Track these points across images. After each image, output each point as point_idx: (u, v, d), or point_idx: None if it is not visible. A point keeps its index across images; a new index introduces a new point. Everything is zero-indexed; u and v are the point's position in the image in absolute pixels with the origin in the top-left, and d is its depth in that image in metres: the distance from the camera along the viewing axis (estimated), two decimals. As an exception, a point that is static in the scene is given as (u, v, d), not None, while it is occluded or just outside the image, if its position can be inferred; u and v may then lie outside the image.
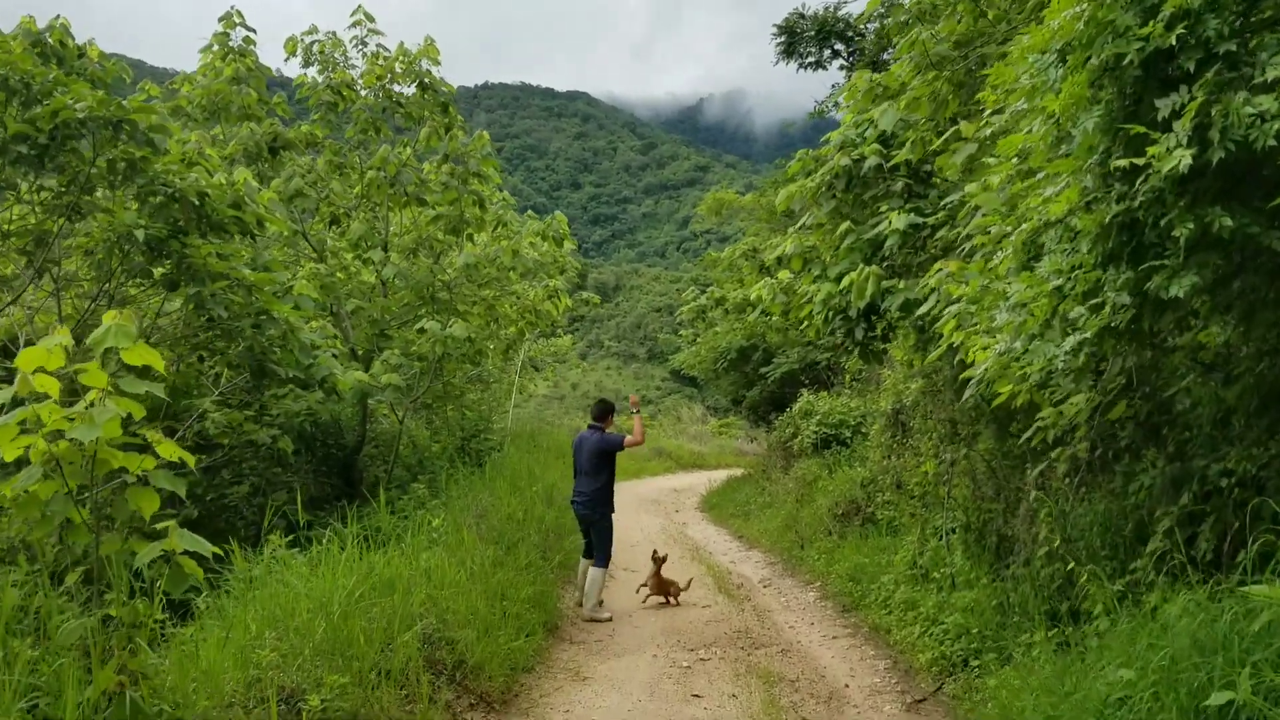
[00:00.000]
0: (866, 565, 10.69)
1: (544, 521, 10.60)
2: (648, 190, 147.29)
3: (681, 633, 8.71)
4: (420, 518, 8.45)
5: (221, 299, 7.38)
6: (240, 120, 11.93)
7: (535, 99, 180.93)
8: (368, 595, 5.70)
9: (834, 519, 13.19)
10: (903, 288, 8.18)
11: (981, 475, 9.30)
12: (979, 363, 4.98)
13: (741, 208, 24.39)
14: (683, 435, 38.04)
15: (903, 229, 8.11)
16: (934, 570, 9.59)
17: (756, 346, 21.20)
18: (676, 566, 12.73)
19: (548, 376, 28.29)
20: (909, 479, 12.34)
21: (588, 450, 9.98)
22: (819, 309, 9.05)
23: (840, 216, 9.13)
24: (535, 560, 9.06)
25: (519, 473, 11.84)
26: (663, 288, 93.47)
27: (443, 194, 12.10)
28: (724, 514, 19.12)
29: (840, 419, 16.43)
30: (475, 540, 8.03)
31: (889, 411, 13.74)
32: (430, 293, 12.01)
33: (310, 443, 11.94)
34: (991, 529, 9.00)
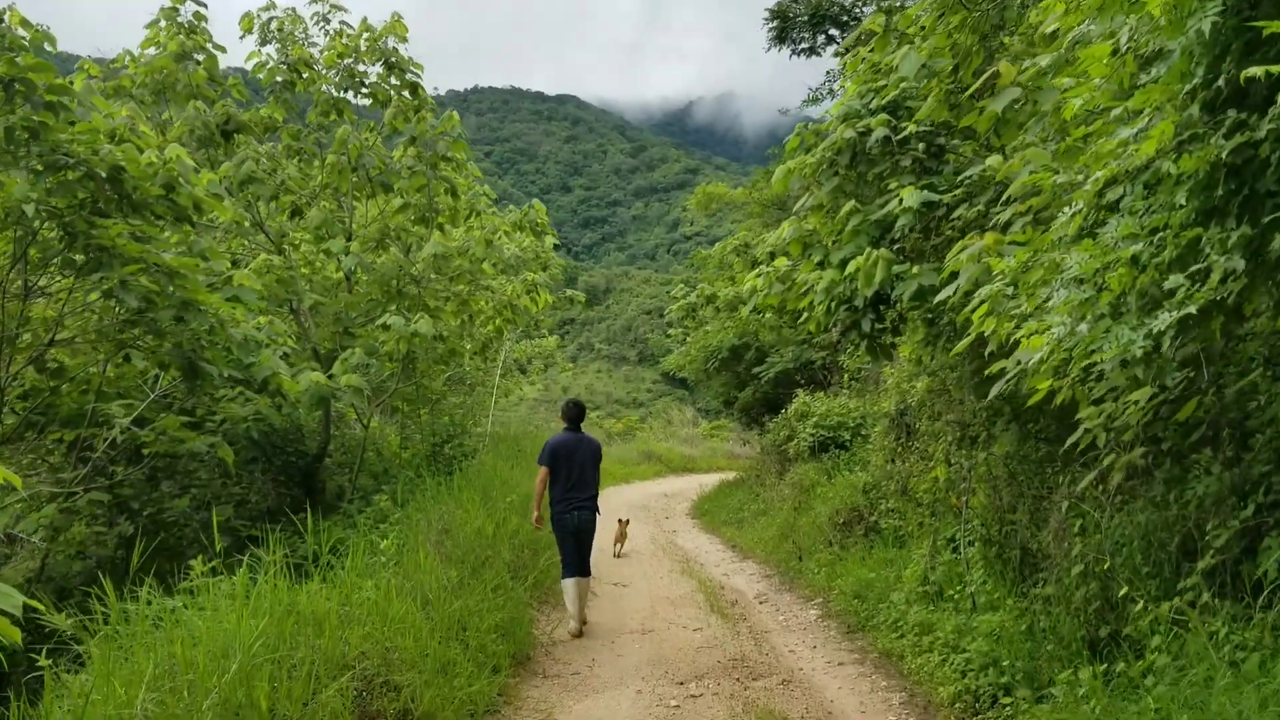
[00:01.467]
0: (873, 581, 9.77)
1: (518, 536, 9.64)
2: (637, 193, 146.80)
3: (669, 662, 7.77)
4: (366, 539, 7.48)
5: (136, 287, 6.41)
6: (187, 100, 10.95)
7: (525, 102, 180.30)
8: (288, 636, 4.75)
9: (835, 528, 12.27)
10: (916, 273, 7.25)
11: (1002, 482, 8.38)
12: (1030, 351, 4.04)
13: (732, 202, 23.48)
14: (673, 438, 37.09)
15: (916, 207, 7.18)
16: (949, 588, 8.67)
17: (749, 345, 20.27)
18: (666, 579, 11.80)
19: (533, 379, 27.30)
20: (916, 486, 11.43)
21: (588, 455, 9.37)
22: (820, 299, 8.12)
23: (844, 196, 8.21)
24: (505, 581, 8.09)
25: (494, 481, 10.88)
26: (653, 290, 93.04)
27: (409, 180, 11.15)
28: (716, 521, 18.18)
29: (838, 421, 15.51)
30: (434, 561, 7.07)
31: (892, 413, 12.83)
32: (397, 287, 11.06)
33: (266, 451, 10.98)
34: (1014, 542, 8.09)
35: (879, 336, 8.17)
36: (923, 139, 7.93)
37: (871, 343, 8.19)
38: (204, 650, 4.23)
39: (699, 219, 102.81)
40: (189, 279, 6.74)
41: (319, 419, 11.66)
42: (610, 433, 40.09)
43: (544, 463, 9.18)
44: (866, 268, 7.42)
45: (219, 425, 8.87)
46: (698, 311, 22.98)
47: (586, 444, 9.44)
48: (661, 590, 10.96)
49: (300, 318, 11.50)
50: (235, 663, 4.11)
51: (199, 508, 9.34)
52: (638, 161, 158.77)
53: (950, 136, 8.31)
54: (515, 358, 24.27)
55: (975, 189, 7.36)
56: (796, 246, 8.40)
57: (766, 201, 20.65)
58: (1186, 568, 6.10)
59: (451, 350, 12.32)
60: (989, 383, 8.21)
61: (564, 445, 9.28)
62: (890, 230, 7.81)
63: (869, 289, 7.53)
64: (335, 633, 5.05)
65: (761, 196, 20.88)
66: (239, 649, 4.25)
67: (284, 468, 11.17)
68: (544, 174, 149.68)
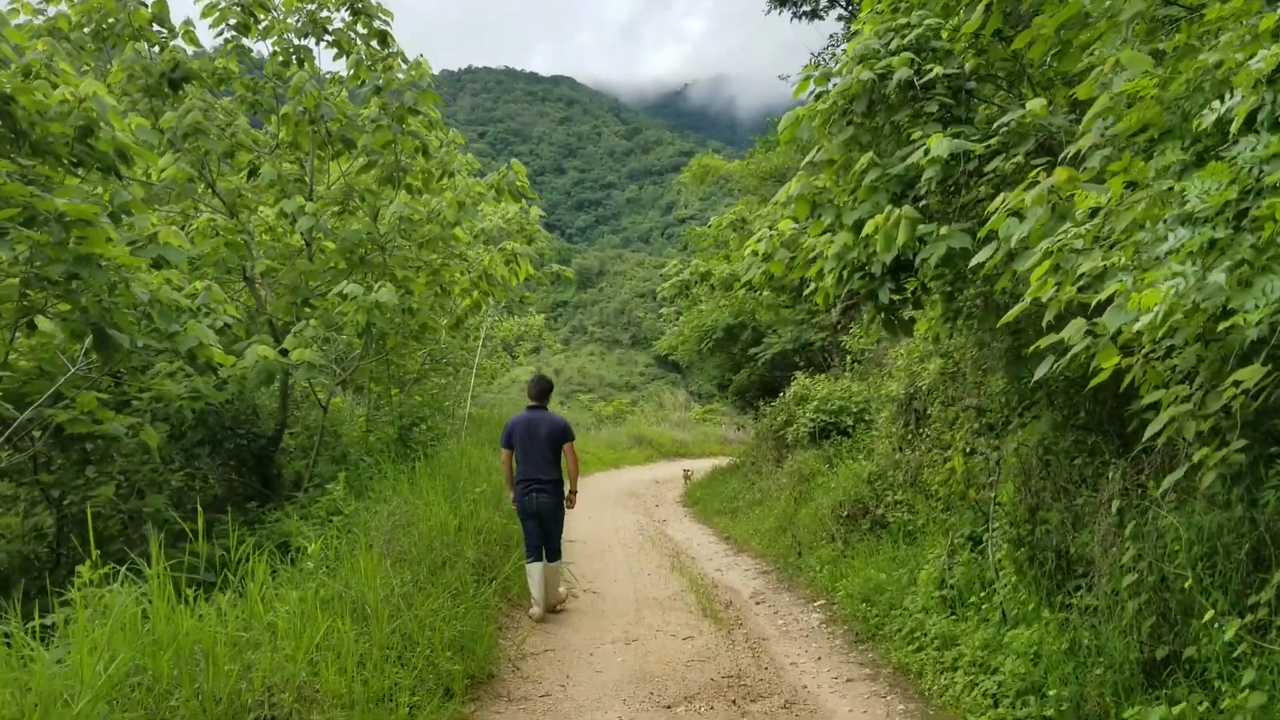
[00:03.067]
0: (883, 583, 8.79)
1: (488, 531, 8.61)
2: (632, 175, 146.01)
3: (656, 679, 6.78)
4: (299, 537, 6.46)
5: (18, 236, 5.36)
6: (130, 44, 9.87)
7: (519, 83, 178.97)
8: (164, 675, 3.74)
9: (837, 521, 11.29)
10: (945, 233, 6.23)
11: (1034, 476, 7.39)
12: (1144, 310, 3.01)
13: (728, 175, 22.40)
14: (665, 422, 36.14)
15: (945, 157, 6.15)
16: (971, 594, 7.70)
17: (745, 325, 19.24)
18: (654, 576, 10.82)
19: (521, 360, 26.26)
20: (929, 477, 10.45)
21: (546, 433, 8.92)
22: (831, 265, 7.08)
23: (860, 148, 7.19)
24: (467, 585, 7.07)
25: (464, 469, 9.85)
26: (646, 273, 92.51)
27: (374, 135, 10.09)
28: (709, 510, 17.21)
29: (840, 405, 14.51)
30: (379, 565, 6.05)
31: (901, 397, 11.84)
32: (360, 254, 10.01)
33: (215, 433, 9.96)
34: (1047, 544, 7.12)
35: (898, 309, 7.15)
36: (950, 82, 6.91)
37: (889, 316, 7.18)
38: (35, 700, 3.21)
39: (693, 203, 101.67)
40: (91, 231, 5.70)
41: (277, 398, 10.65)
42: (601, 416, 39.13)
43: (504, 444, 8.99)
44: (886, 228, 6.39)
45: (148, 404, 7.84)
46: (691, 289, 21.94)
47: (548, 422, 8.97)
48: (649, 590, 9.98)
49: (254, 286, 10.45)
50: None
51: (130, 496, 8.32)
52: (632, 144, 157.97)
53: (983, 82, 7.30)
54: (501, 337, 23.21)
55: (1012, 139, 6.33)
56: (804, 206, 7.35)
57: (764, 174, 19.61)
58: (1258, 579, 5.17)
59: (424, 325, 11.27)
60: (1025, 362, 7.24)
61: (522, 424, 8.96)
62: (913, 187, 6.79)
63: (888, 253, 6.51)
64: (231, 665, 4.05)
65: (759, 169, 19.83)
66: (85, 691, 3.25)
67: (235, 452, 10.15)
68: (538, 155, 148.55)
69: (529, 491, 8.75)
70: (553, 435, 8.93)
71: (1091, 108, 3.91)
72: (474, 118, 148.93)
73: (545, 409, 9.21)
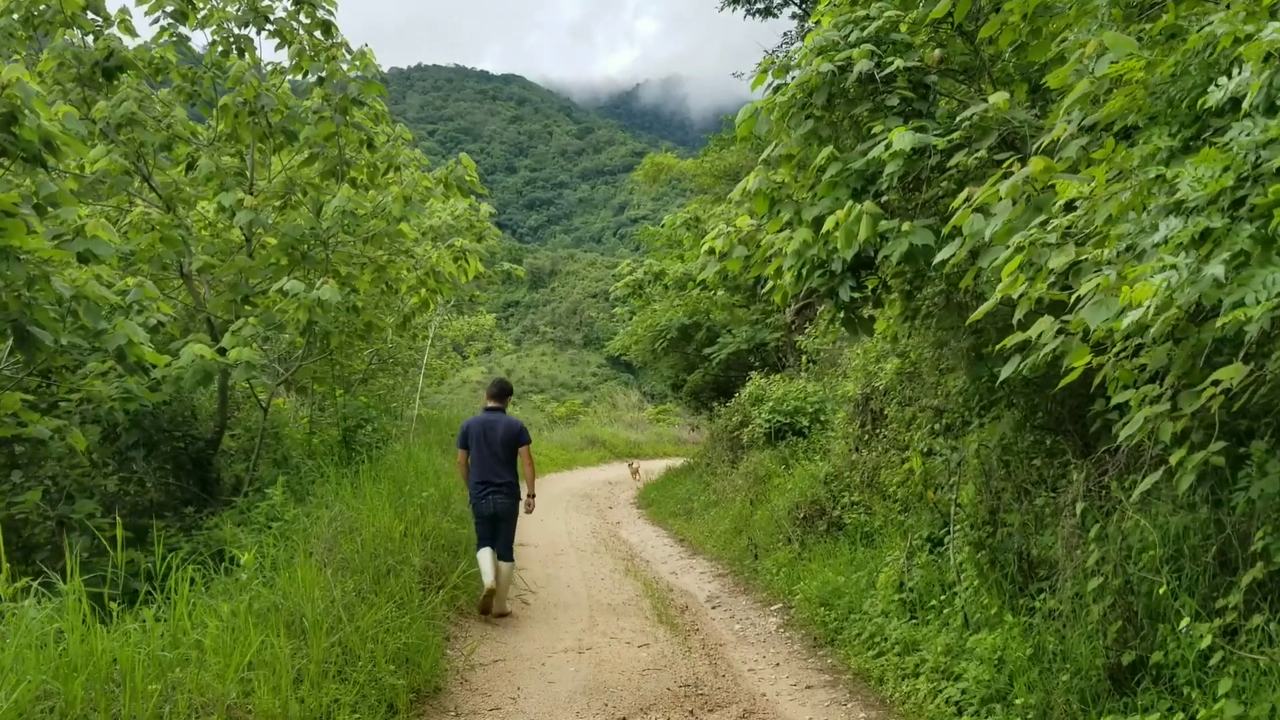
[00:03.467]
0: (841, 586, 8.62)
1: (436, 536, 8.31)
2: (584, 175, 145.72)
3: (610, 689, 6.54)
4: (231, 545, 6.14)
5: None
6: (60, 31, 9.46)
7: (470, 81, 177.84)
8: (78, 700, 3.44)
9: (794, 523, 11.13)
10: (907, 230, 6.06)
11: (995, 477, 7.26)
12: (1134, 304, 2.82)
13: (682, 174, 22.22)
14: (618, 423, 35.90)
15: (907, 151, 5.99)
16: (930, 597, 7.55)
17: (699, 325, 19.07)
18: (608, 581, 10.59)
19: (472, 360, 25.89)
20: (886, 478, 10.33)
21: (503, 435, 8.92)
22: (790, 263, 6.90)
23: (819, 142, 7.01)
24: (413, 593, 6.77)
25: (410, 472, 9.53)
26: (599, 273, 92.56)
27: (317, 127, 9.75)
28: (663, 512, 16.99)
29: (796, 405, 14.37)
30: (319, 576, 5.75)
31: (857, 397, 11.72)
32: (302, 249, 9.66)
33: (151, 435, 9.57)
34: (1009, 547, 6.99)
35: (858, 308, 6.98)
36: (911, 75, 6.76)
37: (850, 315, 7.00)
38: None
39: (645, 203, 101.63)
40: (10, 222, 5.35)
41: (215, 399, 10.27)
42: (553, 417, 38.81)
43: (459, 445, 9.02)
44: (847, 224, 6.22)
45: (76, 406, 7.46)
46: (644, 289, 21.74)
47: (504, 424, 8.97)
48: (602, 595, 9.74)
49: (191, 283, 10.06)
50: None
51: (58, 502, 7.93)
52: (584, 144, 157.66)
53: (944, 76, 7.16)
54: (451, 337, 22.82)
55: (975, 133, 6.20)
56: (762, 202, 7.15)
57: (719, 172, 19.44)
58: (1225, 582, 5.06)
59: (369, 324, 10.95)
60: (986, 361, 7.11)
61: (479, 425, 8.97)
62: (874, 182, 6.63)
63: (849, 250, 6.34)
64: (155, 685, 3.75)
65: (713, 167, 19.66)
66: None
67: (172, 455, 9.77)
68: (488, 154, 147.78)
69: (485, 494, 8.71)
70: (509, 438, 8.90)
71: (1070, 93, 3.73)
72: (423, 116, 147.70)
73: (503, 411, 9.19)
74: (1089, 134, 3.70)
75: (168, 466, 9.68)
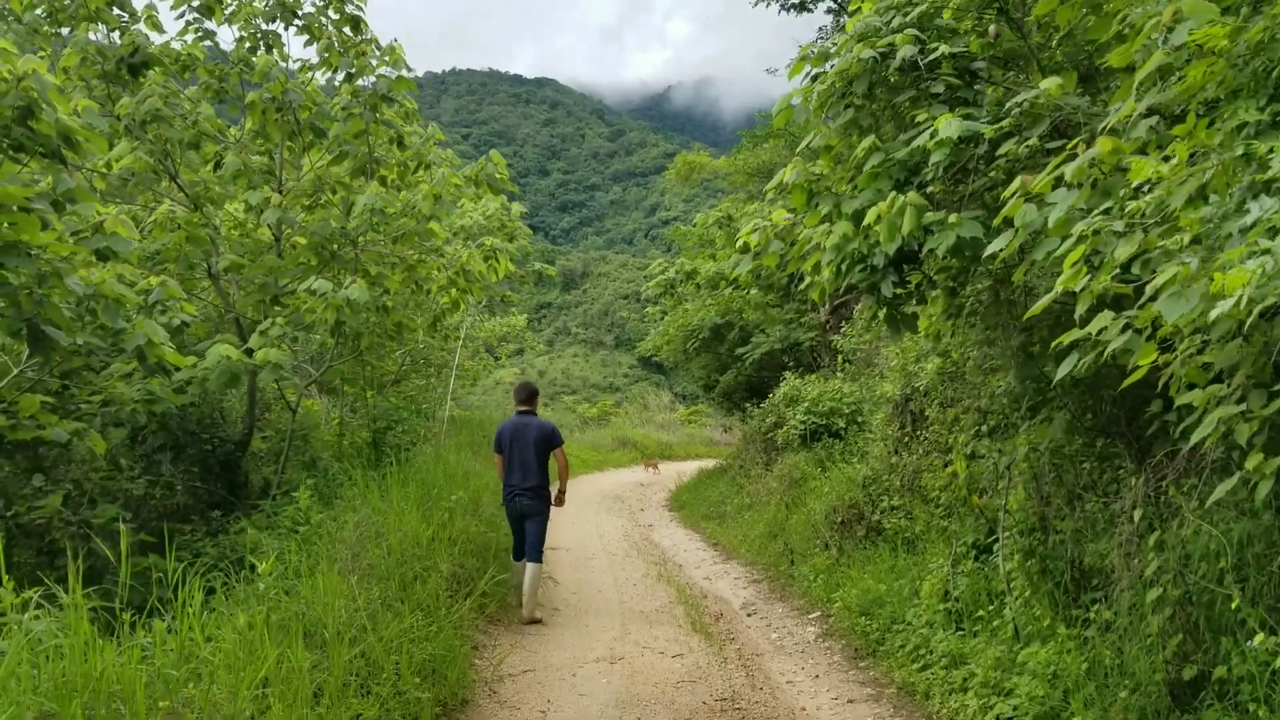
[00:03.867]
0: (882, 595, 8.34)
1: (465, 541, 8.10)
2: (615, 177, 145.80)
3: (644, 702, 6.29)
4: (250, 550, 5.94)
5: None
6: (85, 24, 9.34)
7: (503, 85, 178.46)
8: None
9: (831, 528, 10.83)
10: (954, 222, 5.78)
11: (1047, 481, 6.95)
12: (1226, 293, 2.54)
13: (715, 172, 21.93)
14: (649, 424, 35.67)
15: (955, 139, 5.71)
16: (978, 607, 7.25)
17: (732, 324, 18.77)
18: (640, 587, 10.35)
19: (504, 362, 25.74)
20: (927, 481, 10.02)
21: (534, 439, 9.06)
22: (830, 257, 6.61)
23: (859, 132, 6.74)
24: (440, 601, 6.55)
25: (442, 474, 9.34)
26: (630, 275, 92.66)
27: (346, 125, 9.58)
28: (695, 515, 16.74)
29: (832, 406, 14.06)
30: (341, 583, 5.55)
31: (896, 398, 11.41)
32: (331, 249, 9.50)
33: (178, 438, 9.44)
34: (1061, 555, 6.69)
35: (901, 304, 6.70)
36: (956, 61, 6.48)
37: (892, 311, 6.71)
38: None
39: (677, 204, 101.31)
40: (22, 217, 5.19)
41: (244, 400, 10.13)
42: (584, 418, 38.64)
43: (496, 449, 9.24)
44: (890, 216, 5.94)
45: (98, 408, 7.32)
46: (676, 289, 21.46)
47: (533, 427, 9.13)
48: (635, 601, 9.50)
49: (219, 283, 9.93)
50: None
51: (80, 506, 7.78)
52: (616, 146, 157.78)
53: (991, 64, 6.86)
54: (484, 338, 22.66)
55: (1025, 121, 5.91)
56: (800, 195, 6.88)
57: (751, 170, 19.15)
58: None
59: (400, 324, 10.77)
60: (1037, 360, 6.81)
61: (509, 429, 9.16)
62: (917, 173, 6.36)
63: (892, 244, 6.05)
64: (165, 702, 3.54)
65: (746, 165, 19.37)
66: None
67: (199, 458, 9.63)
68: (521, 157, 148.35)
69: (513, 496, 8.90)
70: (541, 440, 9.05)
71: (1141, 68, 3.44)
72: (458, 120, 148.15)
73: (534, 413, 9.37)
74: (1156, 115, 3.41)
75: (194, 469, 9.54)
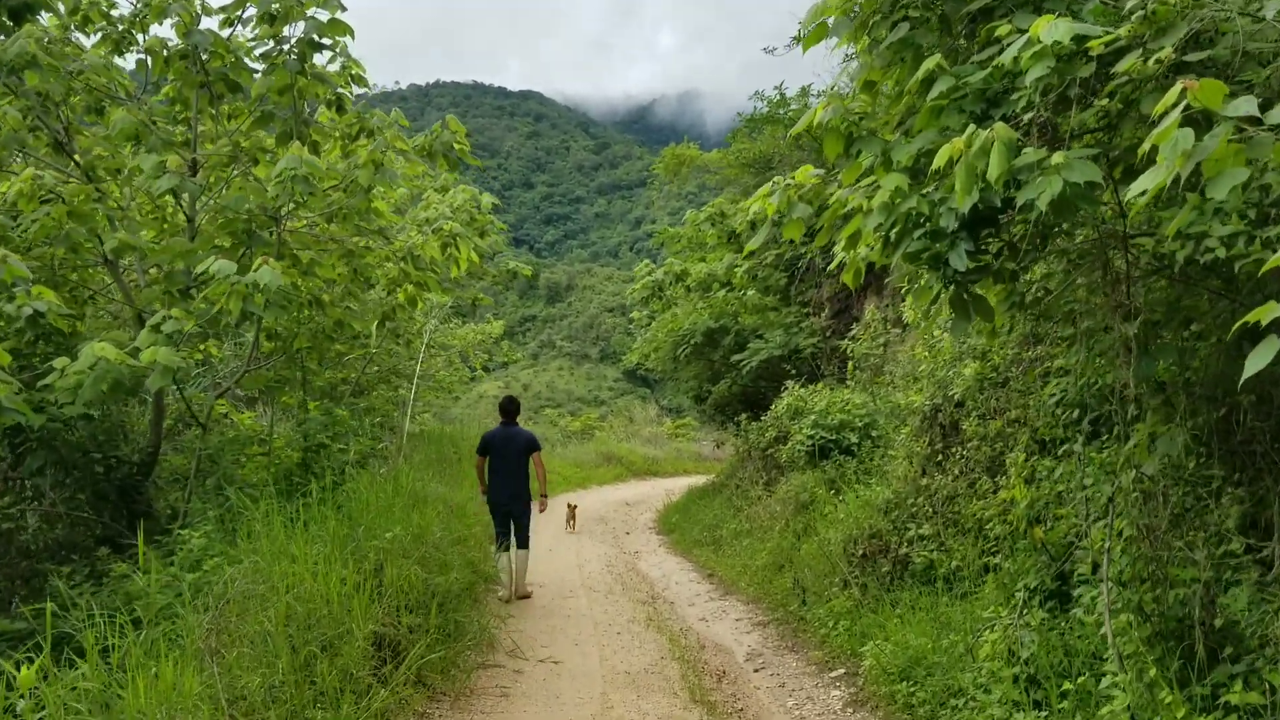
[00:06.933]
0: (925, 651, 6.68)
1: (400, 592, 6.27)
2: (600, 190, 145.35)
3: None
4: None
5: None
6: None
7: (487, 98, 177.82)
8: None
9: (850, 561, 9.18)
10: (1060, 162, 4.12)
11: (1159, 514, 5.29)
12: None
13: (706, 166, 20.30)
14: (635, 438, 33.96)
15: (1068, 43, 4.07)
16: (1061, 677, 5.60)
17: (727, 329, 17.08)
18: (625, 635, 8.66)
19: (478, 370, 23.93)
20: (969, 508, 8.37)
21: (520, 448, 10.35)
22: (876, 220, 4.93)
23: (915, 56, 5.12)
24: (360, 677, 4.83)
25: (384, 500, 7.60)
26: (615, 287, 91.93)
27: (269, 79, 7.90)
28: (687, 539, 15.06)
29: (842, 419, 12.42)
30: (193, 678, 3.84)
31: (925, 409, 9.77)
32: (247, 227, 7.80)
33: (61, 456, 7.74)
34: (1181, 614, 5.07)
35: (974, 280, 5.03)
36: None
37: (960, 292, 5.04)
38: None
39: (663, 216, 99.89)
40: None
41: (147, 413, 8.43)
42: (567, 431, 36.90)
43: (480, 452, 10.39)
44: (970, 158, 4.27)
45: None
46: (665, 291, 19.79)
47: (518, 438, 10.41)
48: (619, 657, 7.79)
49: (116, 270, 8.22)
50: None
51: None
52: (601, 158, 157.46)
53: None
54: (458, 345, 20.90)
55: (1150, 29, 4.27)
56: (835, 141, 5.20)
57: (746, 161, 17.52)
58: None
59: (338, 322, 9.07)
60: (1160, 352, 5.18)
61: (496, 438, 10.38)
62: (999, 104, 4.71)
63: (969, 197, 4.38)
64: None
65: (741, 156, 17.75)
66: None
67: (89, 482, 7.91)
68: (506, 170, 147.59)
69: (502, 496, 10.17)
70: (525, 448, 10.35)
71: None
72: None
73: (517, 424, 10.66)
74: None
75: (81, 496, 7.82)
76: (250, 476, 8.28)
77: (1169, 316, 5.18)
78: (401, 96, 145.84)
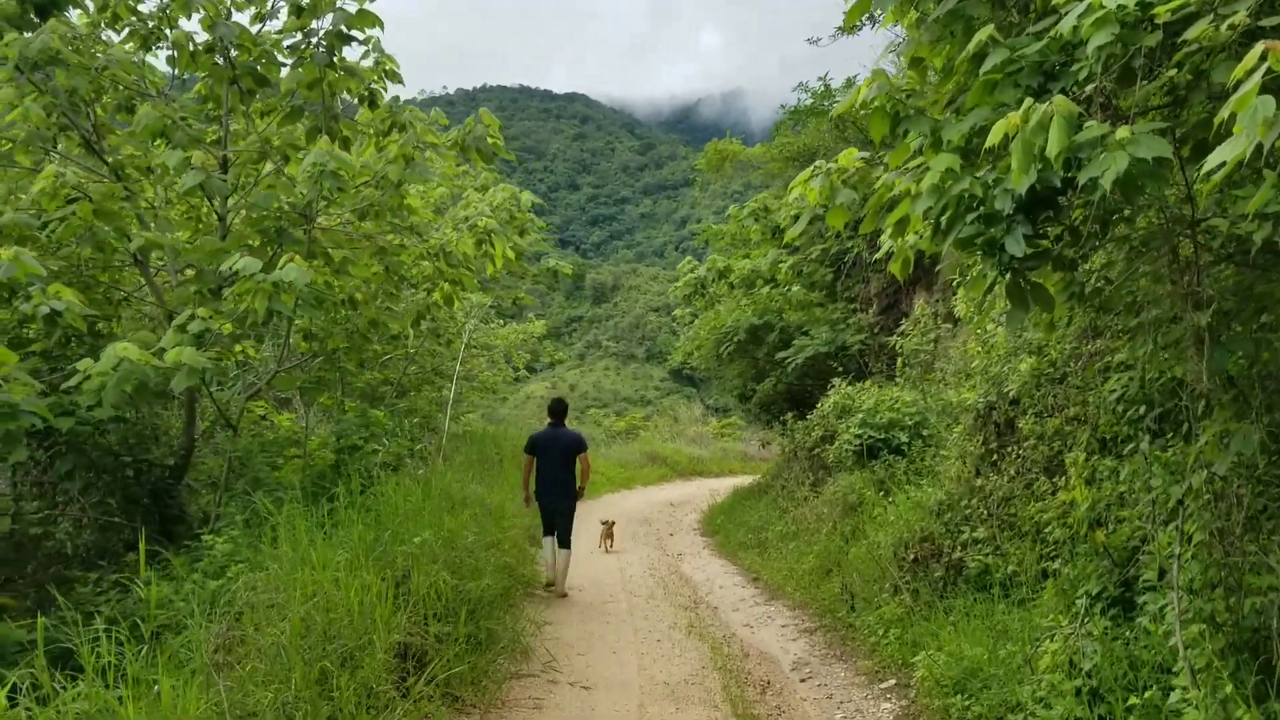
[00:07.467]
0: (981, 662, 6.33)
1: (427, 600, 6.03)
2: (646, 190, 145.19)
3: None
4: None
5: None
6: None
7: (534, 101, 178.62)
8: None
9: (901, 566, 8.83)
10: (1125, 137, 3.77)
11: (1232, 518, 4.92)
12: None
13: (749, 161, 19.96)
14: (680, 438, 33.65)
15: (1133, 9, 3.74)
16: (1127, 691, 5.24)
17: (771, 326, 16.71)
18: (666, 643, 8.38)
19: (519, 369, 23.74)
20: (1024, 510, 8.01)
21: (567, 446, 10.64)
22: (926, 204, 4.61)
23: (965, 29, 4.80)
24: (381, 691, 4.60)
25: (414, 503, 7.39)
26: (661, 287, 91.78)
27: (298, 73, 7.73)
28: (732, 542, 14.75)
29: (891, 418, 12.04)
30: (200, 697, 3.63)
31: (979, 406, 9.39)
32: (277, 225, 7.64)
33: (91, 460, 7.62)
34: (1258, 625, 4.70)
35: (1032, 268, 4.68)
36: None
37: (1018, 280, 4.69)
38: None
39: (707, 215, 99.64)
40: None
41: (181, 415, 8.31)
42: (612, 431, 36.69)
43: (528, 451, 10.72)
44: (1028, 132, 3.93)
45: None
46: (708, 288, 19.46)
47: (564, 438, 10.71)
48: (658, 666, 7.51)
49: (146, 269, 8.09)
50: None
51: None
52: (646, 159, 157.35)
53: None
54: (500, 345, 20.73)
55: (1220, -7, 3.89)
56: (881, 120, 4.89)
57: (790, 155, 17.16)
58: None
59: (372, 321, 8.89)
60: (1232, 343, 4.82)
61: (543, 438, 10.70)
62: (1057, 78, 4.36)
63: (1027, 176, 4.03)
64: None
65: (785, 150, 17.39)
66: None
67: (119, 486, 7.79)
68: (552, 172, 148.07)
69: (549, 494, 10.53)
70: (568, 449, 10.62)
71: None
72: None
73: (564, 425, 10.96)
74: None
75: (111, 501, 7.70)
76: (285, 479, 8.11)
77: (1241, 305, 4.80)
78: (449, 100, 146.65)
